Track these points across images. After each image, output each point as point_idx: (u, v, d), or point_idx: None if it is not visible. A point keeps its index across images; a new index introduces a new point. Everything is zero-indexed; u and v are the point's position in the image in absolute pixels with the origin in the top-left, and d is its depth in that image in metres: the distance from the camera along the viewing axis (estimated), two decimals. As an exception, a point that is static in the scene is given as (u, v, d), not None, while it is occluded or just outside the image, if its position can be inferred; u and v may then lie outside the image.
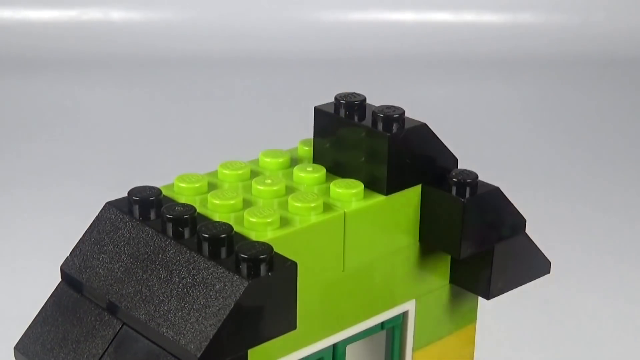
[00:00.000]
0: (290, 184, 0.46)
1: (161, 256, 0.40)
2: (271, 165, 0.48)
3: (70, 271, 0.43)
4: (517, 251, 0.48)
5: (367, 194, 0.45)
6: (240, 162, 0.47)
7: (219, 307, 0.37)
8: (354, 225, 0.44)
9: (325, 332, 0.45)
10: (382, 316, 0.47)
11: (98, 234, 0.43)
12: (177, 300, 0.38)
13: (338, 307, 0.45)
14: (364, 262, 0.45)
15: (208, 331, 0.37)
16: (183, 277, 0.39)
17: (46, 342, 0.42)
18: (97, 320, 0.41)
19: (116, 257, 0.42)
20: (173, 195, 0.45)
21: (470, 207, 0.45)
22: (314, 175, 0.46)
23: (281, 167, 0.48)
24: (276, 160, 0.48)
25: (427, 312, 0.49)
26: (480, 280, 0.48)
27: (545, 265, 0.50)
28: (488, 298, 0.48)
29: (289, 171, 0.47)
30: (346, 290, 0.45)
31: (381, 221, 0.45)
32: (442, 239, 0.46)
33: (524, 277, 0.50)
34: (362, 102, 0.47)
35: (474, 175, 0.46)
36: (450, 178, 0.46)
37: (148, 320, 0.39)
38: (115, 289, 0.41)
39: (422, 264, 0.48)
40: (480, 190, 0.46)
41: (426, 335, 0.50)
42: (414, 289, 0.48)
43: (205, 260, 0.39)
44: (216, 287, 0.38)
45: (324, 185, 0.46)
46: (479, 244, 0.46)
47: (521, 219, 0.48)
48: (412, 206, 0.46)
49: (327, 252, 0.43)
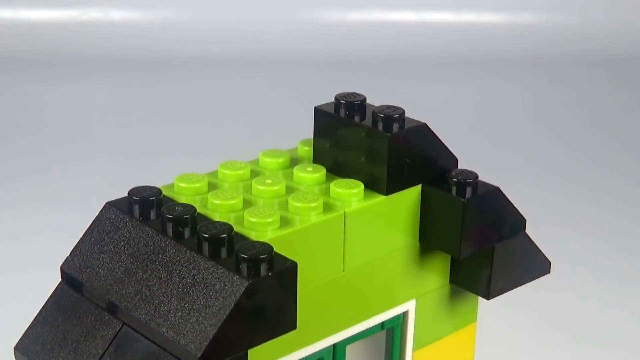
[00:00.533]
0: (291, 184, 0.46)
1: (161, 256, 0.40)
2: (271, 166, 0.48)
3: (70, 271, 0.43)
4: (517, 251, 0.48)
5: (367, 194, 0.45)
6: (240, 162, 0.47)
7: (219, 307, 0.37)
8: (354, 225, 0.44)
9: (325, 332, 0.45)
10: (382, 316, 0.47)
11: (98, 234, 0.43)
12: (177, 300, 0.38)
13: (338, 307, 0.45)
14: (364, 262, 0.45)
15: (208, 331, 0.37)
16: (183, 277, 0.39)
17: (46, 342, 0.42)
18: (97, 320, 0.41)
19: (116, 257, 0.42)
20: (173, 195, 0.45)
21: (471, 207, 0.45)
22: (314, 176, 0.46)
23: (281, 167, 0.48)
24: (276, 160, 0.48)
25: (427, 312, 0.49)
26: (480, 280, 0.48)
27: (545, 265, 0.50)
28: (488, 298, 0.48)
29: (289, 171, 0.47)
30: (346, 290, 0.45)
31: (381, 221, 0.45)
32: (442, 239, 0.46)
33: (524, 277, 0.50)
34: (362, 102, 0.47)
35: (474, 175, 0.46)
36: (451, 178, 0.46)
37: (148, 320, 0.39)
38: (115, 289, 0.41)
39: (422, 264, 0.48)
40: (480, 190, 0.46)
41: (426, 335, 0.50)
42: (414, 289, 0.48)
43: (205, 260, 0.39)
44: (216, 287, 0.38)
45: (324, 185, 0.46)
46: (479, 244, 0.46)
47: (521, 219, 0.48)
48: (412, 206, 0.46)
49: (327, 252, 0.43)
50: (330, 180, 0.46)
